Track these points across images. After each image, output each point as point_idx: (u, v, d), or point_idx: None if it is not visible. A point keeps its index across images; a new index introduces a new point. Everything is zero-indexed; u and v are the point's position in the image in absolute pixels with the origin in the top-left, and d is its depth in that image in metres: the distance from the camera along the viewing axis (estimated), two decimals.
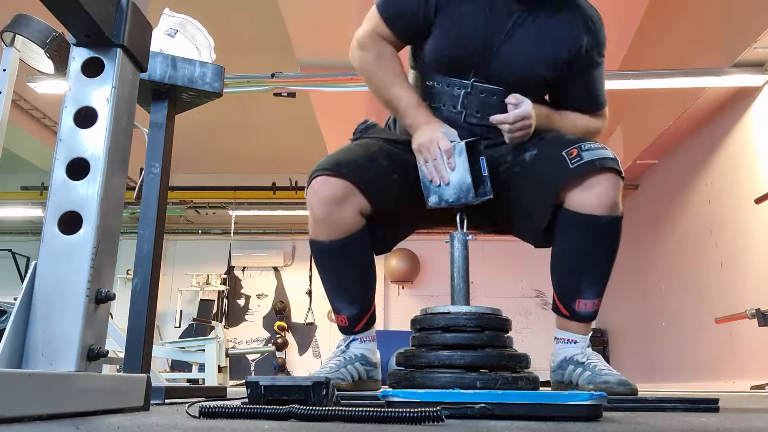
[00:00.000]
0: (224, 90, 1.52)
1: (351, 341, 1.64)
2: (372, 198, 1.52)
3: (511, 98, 1.53)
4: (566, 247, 1.55)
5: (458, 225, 1.47)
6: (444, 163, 1.44)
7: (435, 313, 1.30)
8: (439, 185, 1.45)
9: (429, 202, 1.48)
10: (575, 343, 1.56)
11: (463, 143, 1.44)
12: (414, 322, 1.37)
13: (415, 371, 1.25)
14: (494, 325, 1.28)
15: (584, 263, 1.52)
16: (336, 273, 1.61)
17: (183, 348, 5.45)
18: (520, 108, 1.52)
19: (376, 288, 1.70)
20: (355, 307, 1.60)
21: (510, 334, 1.33)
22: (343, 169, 1.49)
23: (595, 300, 1.53)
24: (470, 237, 1.44)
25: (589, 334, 1.59)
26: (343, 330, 1.65)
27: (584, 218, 1.46)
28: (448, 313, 1.29)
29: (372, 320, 1.65)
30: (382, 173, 1.55)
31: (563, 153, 1.47)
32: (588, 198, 1.45)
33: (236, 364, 7.72)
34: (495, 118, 1.54)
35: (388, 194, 1.55)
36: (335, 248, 1.55)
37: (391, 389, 0.97)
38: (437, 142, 1.45)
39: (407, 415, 0.73)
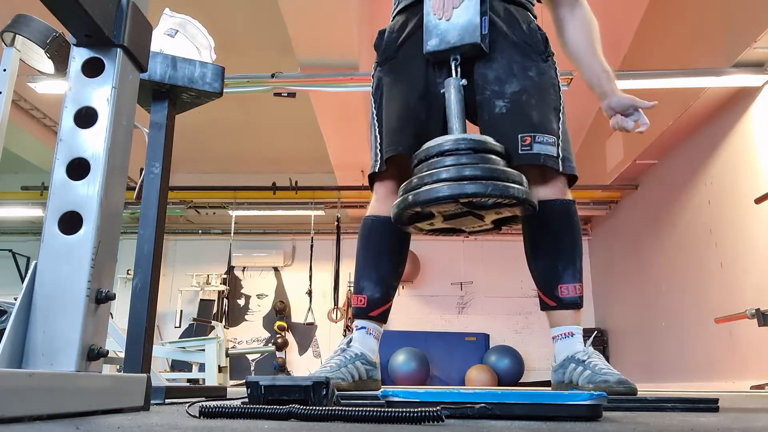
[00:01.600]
0: (224, 90, 1.52)
1: (358, 330, 1.68)
2: None
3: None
4: (532, 235, 1.67)
5: (453, 71, 1.48)
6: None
7: (432, 145, 1.38)
8: (443, 27, 1.46)
9: (428, 46, 1.49)
10: (572, 335, 1.60)
11: None
12: (414, 157, 1.45)
13: (414, 189, 1.32)
14: (486, 149, 1.37)
15: (553, 247, 1.64)
16: (378, 249, 1.73)
17: (183, 348, 5.45)
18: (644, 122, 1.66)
19: None
20: (378, 290, 1.69)
21: (501, 159, 1.42)
22: (399, 148, 1.63)
23: (576, 284, 1.61)
24: (463, 81, 1.47)
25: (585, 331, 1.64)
26: (358, 312, 1.70)
27: (540, 204, 1.58)
28: (443, 143, 1.37)
29: (385, 315, 1.72)
30: (425, 132, 1.63)
31: (519, 136, 1.57)
32: (538, 190, 1.61)
33: (236, 364, 7.72)
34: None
35: None
36: (392, 225, 1.65)
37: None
38: None
39: (407, 415, 0.73)
